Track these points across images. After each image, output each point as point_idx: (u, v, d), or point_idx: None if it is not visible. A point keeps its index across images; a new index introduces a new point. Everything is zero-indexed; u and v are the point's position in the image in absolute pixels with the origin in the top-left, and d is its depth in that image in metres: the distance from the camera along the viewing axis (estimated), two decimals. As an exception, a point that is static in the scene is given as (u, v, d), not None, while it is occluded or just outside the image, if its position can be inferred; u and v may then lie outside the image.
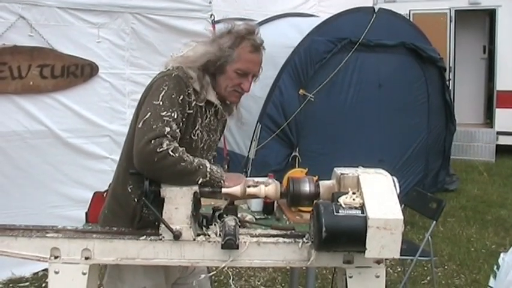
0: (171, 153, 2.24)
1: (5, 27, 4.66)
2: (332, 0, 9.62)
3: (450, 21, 11.02)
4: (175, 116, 2.34)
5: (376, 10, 7.19)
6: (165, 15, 5.43)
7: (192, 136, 2.47)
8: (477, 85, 11.63)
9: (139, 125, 2.31)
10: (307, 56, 6.64)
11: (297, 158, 6.54)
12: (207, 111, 2.53)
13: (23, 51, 4.75)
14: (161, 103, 2.34)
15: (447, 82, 8.61)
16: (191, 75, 2.45)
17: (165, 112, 2.32)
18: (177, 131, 2.34)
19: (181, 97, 2.39)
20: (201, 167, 2.32)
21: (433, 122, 7.93)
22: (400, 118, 7.49)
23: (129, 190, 2.47)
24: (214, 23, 5.57)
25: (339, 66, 6.81)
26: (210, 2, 5.64)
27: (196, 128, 2.48)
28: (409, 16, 10.72)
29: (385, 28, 7.23)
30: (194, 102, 2.44)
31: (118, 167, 2.61)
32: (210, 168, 2.34)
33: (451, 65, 10.85)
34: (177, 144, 2.29)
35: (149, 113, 2.32)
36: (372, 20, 7.05)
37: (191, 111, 2.43)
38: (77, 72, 5.05)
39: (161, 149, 2.23)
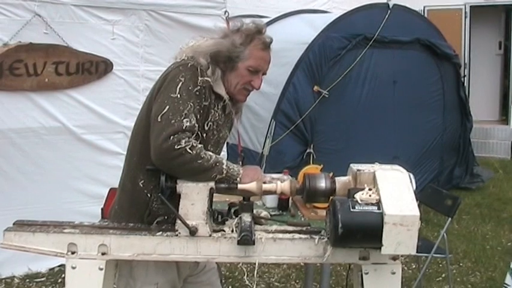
0: (189, 151, 2.23)
1: (21, 25, 4.69)
2: (346, -3, 9.60)
3: (465, 17, 10.92)
4: (193, 109, 2.33)
5: (390, 6, 7.16)
6: (179, 12, 5.44)
7: (205, 127, 2.45)
8: (492, 81, 11.52)
9: (158, 119, 2.28)
10: (321, 52, 6.63)
11: (311, 155, 6.54)
12: (216, 105, 2.51)
13: (38, 49, 4.78)
14: (179, 96, 2.32)
15: (462, 79, 8.56)
16: (204, 63, 2.44)
17: (183, 105, 2.30)
18: (196, 124, 2.32)
19: (198, 88, 2.38)
20: (218, 164, 2.31)
21: (448, 118, 7.89)
22: (415, 115, 7.46)
23: (141, 185, 2.46)
24: (228, 19, 5.57)
25: (354, 63, 6.80)
26: (225, -1, 5.65)
27: (208, 120, 2.46)
28: (424, 12, 10.65)
29: (399, 24, 7.21)
30: (209, 92, 2.43)
31: (127, 162, 2.58)
32: (226, 165, 2.33)
33: (466, 61, 10.76)
34: (195, 141, 2.28)
35: (167, 107, 2.29)
36: (387, 16, 7.03)
37: (206, 103, 2.42)
38: (91, 69, 5.08)
39: (179, 146, 2.22)
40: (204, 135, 2.45)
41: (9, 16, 4.68)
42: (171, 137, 2.23)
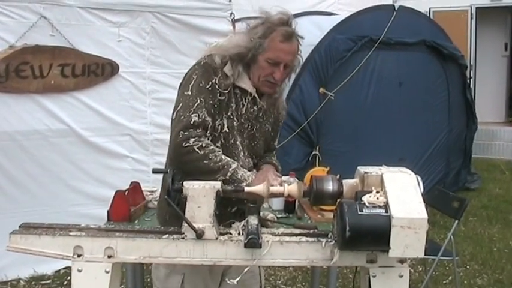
0: (197, 150, 2.34)
1: (27, 27, 4.72)
2: (351, -2, 9.58)
3: (471, 18, 10.93)
4: (203, 103, 2.41)
5: (396, 8, 7.16)
6: (185, 14, 5.45)
7: (225, 122, 2.51)
8: (498, 83, 11.52)
9: (173, 117, 2.44)
10: (327, 54, 6.63)
11: (317, 157, 6.52)
12: (243, 99, 2.56)
13: (44, 51, 4.80)
14: (190, 93, 2.43)
15: (468, 80, 8.54)
16: (221, 61, 2.49)
17: (192, 101, 2.41)
18: (207, 118, 2.41)
19: (210, 84, 2.45)
20: (225, 167, 2.36)
21: (454, 120, 7.87)
22: (420, 116, 7.45)
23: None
24: (234, 21, 5.57)
25: (360, 65, 6.80)
26: (230, 1, 5.64)
27: (228, 114, 2.51)
28: (430, 14, 10.63)
29: (405, 26, 7.19)
30: (225, 88, 2.48)
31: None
32: (233, 169, 2.37)
33: (472, 62, 10.76)
34: (206, 141, 2.37)
35: (180, 104, 2.44)
36: (393, 17, 7.02)
37: (223, 98, 2.48)
38: (97, 71, 5.09)
39: (187, 144, 2.34)
40: (225, 129, 2.52)
41: (15, 18, 4.70)
42: (181, 133, 2.36)
